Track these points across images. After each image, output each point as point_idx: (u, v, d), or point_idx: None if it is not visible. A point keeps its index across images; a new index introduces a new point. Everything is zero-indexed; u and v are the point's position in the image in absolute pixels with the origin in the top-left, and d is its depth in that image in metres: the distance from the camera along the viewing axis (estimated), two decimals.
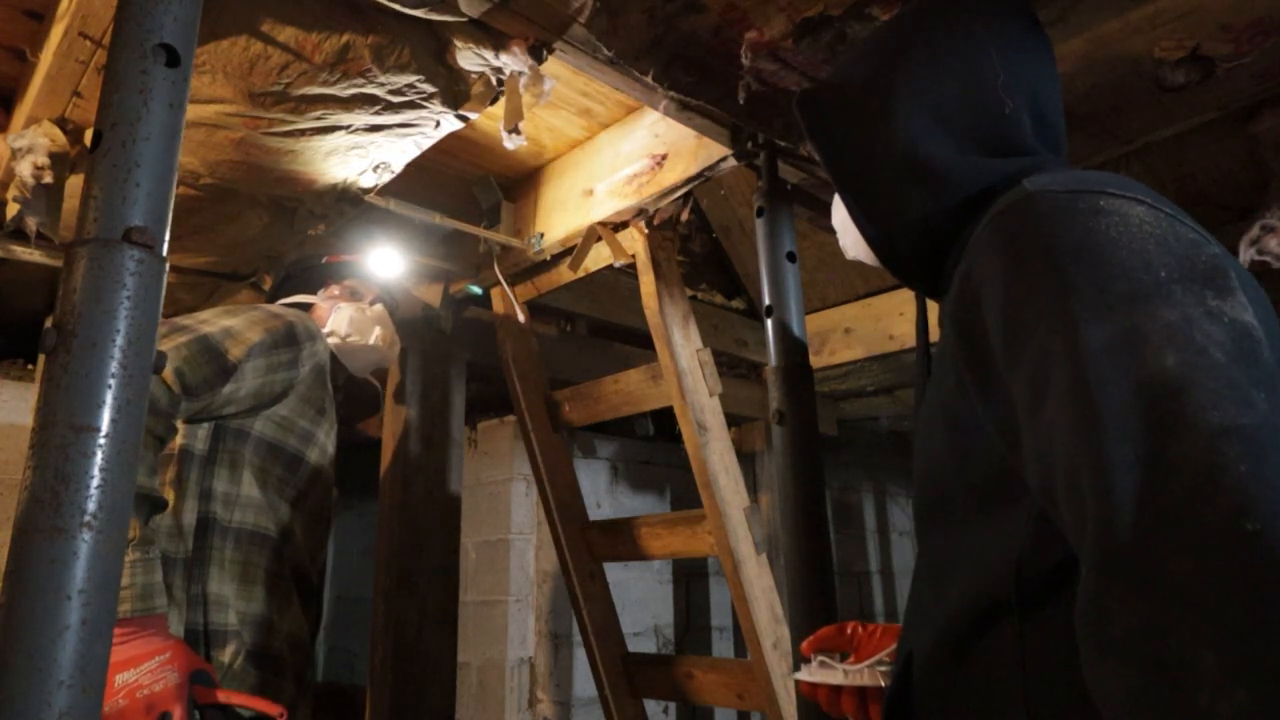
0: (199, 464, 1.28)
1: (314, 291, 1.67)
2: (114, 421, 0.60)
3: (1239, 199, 1.72)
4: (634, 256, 1.81)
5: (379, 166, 1.47)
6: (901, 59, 0.79)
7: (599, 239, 1.81)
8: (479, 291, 2.17)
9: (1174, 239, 0.54)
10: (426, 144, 1.41)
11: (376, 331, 1.64)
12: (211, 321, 1.27)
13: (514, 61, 1.20)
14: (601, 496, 3.05)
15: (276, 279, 1.66)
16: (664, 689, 1.93)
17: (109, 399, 0.60)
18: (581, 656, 2.76)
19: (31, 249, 1.68)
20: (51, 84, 1.19)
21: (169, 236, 0.66)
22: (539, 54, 1.19)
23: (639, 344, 2.72)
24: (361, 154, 1.41)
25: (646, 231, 1.80)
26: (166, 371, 1.15)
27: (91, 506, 0.58)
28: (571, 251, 1.87)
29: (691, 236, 2.68)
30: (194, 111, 1.22)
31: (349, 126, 1.31)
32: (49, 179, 1.27)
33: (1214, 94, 1.30)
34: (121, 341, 0.61)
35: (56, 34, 1.12)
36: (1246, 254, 1.58)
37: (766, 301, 1.37)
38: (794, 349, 1.34)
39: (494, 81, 1.26)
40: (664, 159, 1.64)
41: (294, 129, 1.29)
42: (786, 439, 1.30)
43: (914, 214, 0.75)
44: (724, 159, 1.51)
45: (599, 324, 2.60)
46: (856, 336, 2.68)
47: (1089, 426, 0.49)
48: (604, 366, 2.54)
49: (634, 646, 2.17)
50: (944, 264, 0.75)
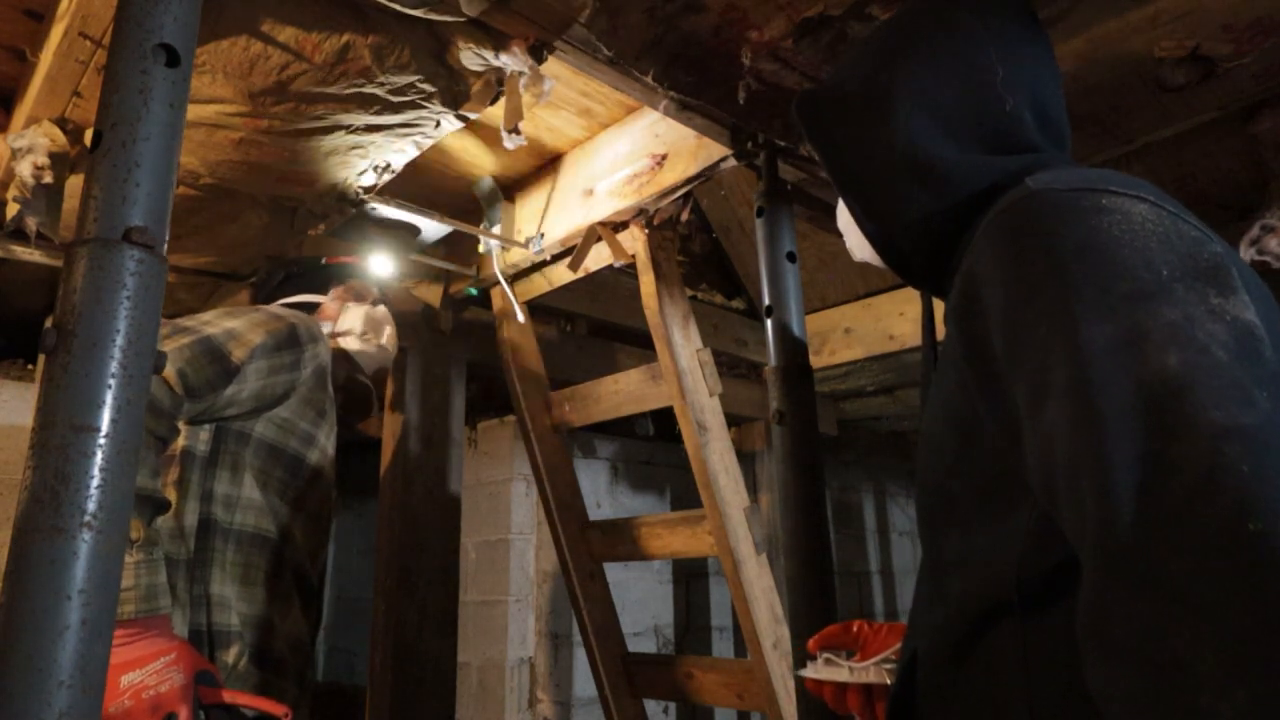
0: (200, 466, 1.28)
1: (317, 292, 1.67)
2: (114, 421, 0.60)
3: (1239, 199, 1.71)
4: (634, 256, 1.81)
5: (379, 166, 1.47)
6: (900, 59, 0.78)
7: (599, 239, 1.81)
8: (474, 292, 2.17)
9: (1177, 237, 0.54)
10: (426, 144, 1.41)
11: (387, 331, 1.67)
12: (214, 323, 1.27)
13: (514, 61, 1.20)
14: (601, 496, 3.05)
15: (274, 280, 1.66)
16: (664, 689, 1.93)
17: (109, 399, 0.60)
18: (581, 656, 2.76)
19: (31, 249, 1.68)
20: (51, 84, 1.19)
21: (169, 236, 0.66)
22: (539, 54, 1.19)
23: (639, 344, 2.72)
24: (361, 154, 1.41)
25: (646, 231, 1.79)
26: (169, 372, 1.15)
27: (91, 506, 0.57)
28: (571, 251, 1.87)
29: (691, 236, 2.68)
30: (194, 111, 1.22)
31: (349, 126, 1.31)
32: (49, 179, 1.27)
33: (1214, 94, 1.30)
34: (121, 341, 0.61)
35: (56, 34, 1.12)
36: (1246, 254, 1.57)
37: (766, 301, 1.37)
38: (794, 349, 1.34)
39: (494, 81, 1.26)
40: (664, 159, 1.64)
41: (294, 129, 1.29)
42: (786, 439, 1.30)
43: (916, 214, 0.74)
44: (724, 159, 1.51)
45: (599, 324, 2.59)
46: (856, 336, 2.68)
47: (1090, 426, 0.49)
48: (604, 366, 2.54)
49: (634, 646, 2.17)
50: (948, 263, 0.75)
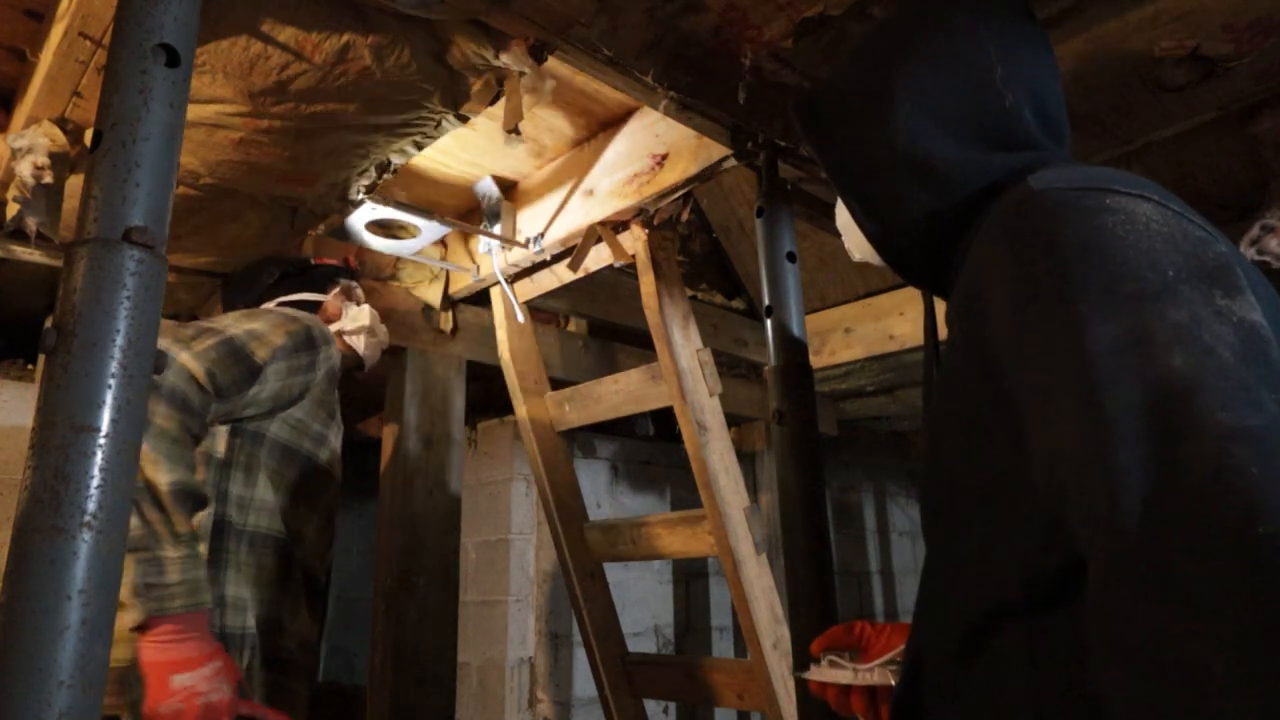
0: (217, 466, 1.29)
1: (316, 292, 1.66)
2: (114, 421, 0.60)
3: (1239, 199, 1.71)
4: (634, 256, 1.81)
5: (379, 166, 1.47)
6: (899, 58, 0.78)
7: (599, 239, 1.81)
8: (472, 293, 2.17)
9: (1181, 237, 0.54)
10: (426, 144, 1.41)
11: (384, 329, 1.71)
12: (235, 324, 1.29)
13: (514, 61, 1.19)
14: (601, 496, 3.05)
15: (270, 279, 1.65)
16: (664, 689, 1.93)
17: (109, 399, 0.60)
18: (581, 656, 2.76)
19: (31, 249, 1.68)
20: (51, 84, 1.19)
21: (169, 236, 0.66)
22: (539, 54, 1.19)
23: (639, 344, 2.71)
24: (361, 154, 1.41)
25: (646, 231, 1.79)
26: (199, 372, 1.16)
27: (91, 506, 0.57)
28: (571, 251, 1.87)
29: (691, 236, 2.68)
30: (194, 111, 1.22)
31: (349, 126, 1.31)
32: (49, 179, 1.27)
33: (1214, 94, 1.30)
34: (121, 341, 0.61)
35: (56, 34, 1.12)
36: (1247, 254, 1.57)
37: (766, 301, 1.37)
38: (794, 349, 1.33)
39: (494, 81, 1.26)
40: (664, 159, 1.64)
41: (294, 129, 1.29)
42: (786, 439, 1.29)
43: (917, 213, 0.74)
44: (724, 159, 1.51)
45: (599, 324, 2.59)
46: (856, 336, 2.68)
47: (1096, 428, 0.48)
48: (604, 366, 2.54)
49: (634, 646, 2.16)
50: (949, 262, 0.74)
